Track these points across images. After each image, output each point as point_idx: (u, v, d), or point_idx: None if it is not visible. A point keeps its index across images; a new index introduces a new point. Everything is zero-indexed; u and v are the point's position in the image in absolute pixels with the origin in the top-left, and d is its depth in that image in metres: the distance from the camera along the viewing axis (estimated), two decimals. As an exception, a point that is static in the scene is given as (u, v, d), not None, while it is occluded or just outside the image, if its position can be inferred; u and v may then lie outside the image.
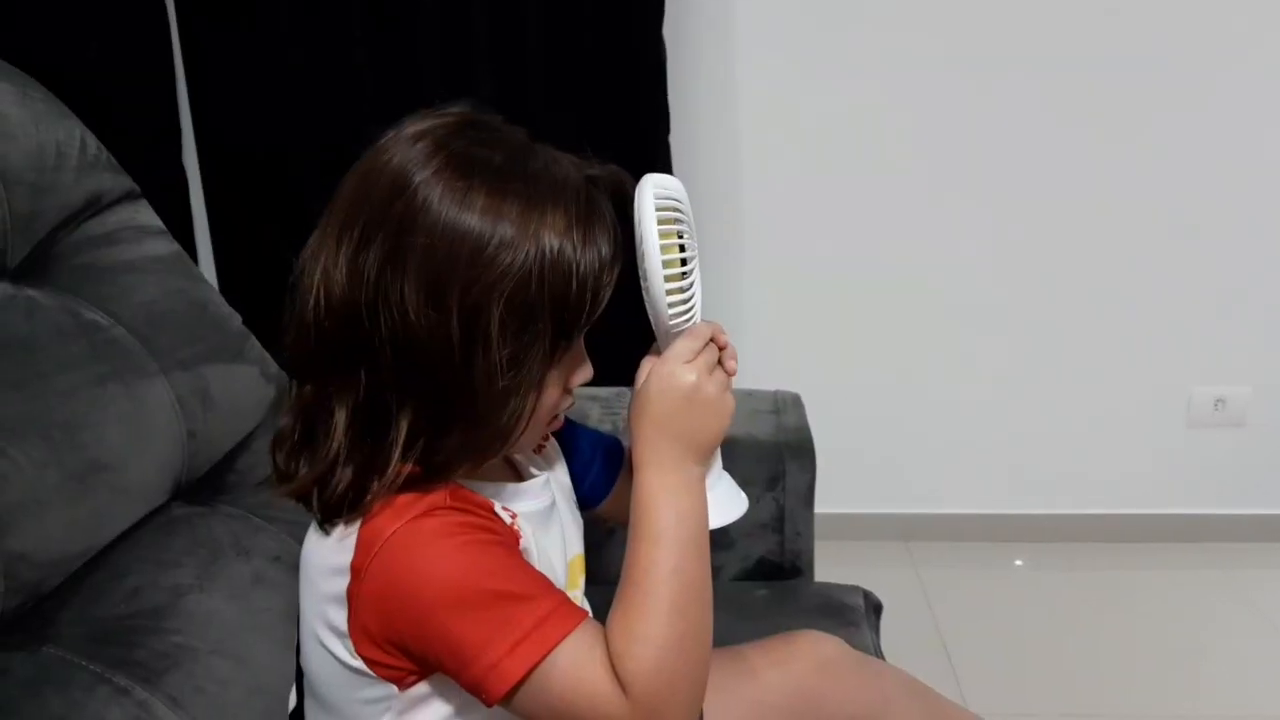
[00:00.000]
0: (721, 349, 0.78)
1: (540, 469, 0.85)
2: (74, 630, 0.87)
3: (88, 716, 0.80)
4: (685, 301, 0.75)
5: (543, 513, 0.81)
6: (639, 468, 0.74)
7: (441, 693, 0.73)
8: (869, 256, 2.03)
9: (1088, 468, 2.18)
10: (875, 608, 1.29)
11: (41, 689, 0.81)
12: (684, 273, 0.74)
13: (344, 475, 0.70)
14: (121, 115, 1.61)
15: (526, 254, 0.67)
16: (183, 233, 1.81)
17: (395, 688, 0.72)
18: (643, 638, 0.67)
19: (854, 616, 1.22)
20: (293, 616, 1.00)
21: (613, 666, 0.67)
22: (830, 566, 1.38)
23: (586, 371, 0.78)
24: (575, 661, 0.67)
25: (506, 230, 0.67)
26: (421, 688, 0.73)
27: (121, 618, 0.90)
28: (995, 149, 1.98)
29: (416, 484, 0.71)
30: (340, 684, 0.74)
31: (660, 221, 0.72)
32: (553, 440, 0.90)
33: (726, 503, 0.80)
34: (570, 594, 0.83)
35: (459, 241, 0.66)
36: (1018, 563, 2.16)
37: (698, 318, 0.76)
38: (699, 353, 0.76)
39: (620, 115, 1.79)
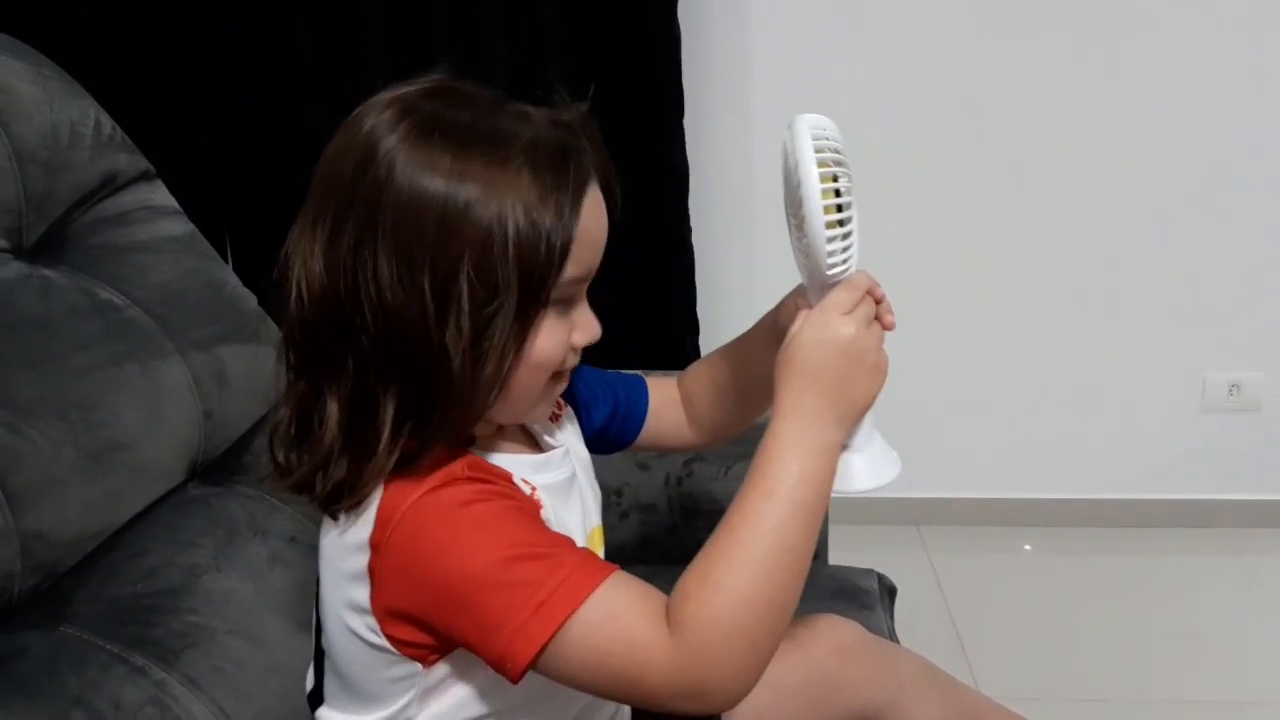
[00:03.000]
0: (878, 302, 0.75)
1: (559, 440, 0.84)
2: (91, 609, 0.87)
3: (105, 696, 0.80)
4: (844, 249, 0.71)
5: (563, 484, 0.80)
6: (777, 415, 0.70)
7: (467, 671, 0.72)
8: (882, 242, 2.01)
9: (1102, 453, 2.17)
10: (889, 591, 1.29)
11: (59, 668, 0.81)
12: (841, 220, 0.70)
13: (339, 466, 0.69)
14: (146, 97, 1.61)
15: (492, 215, 0.64)
16: (213, 216, 1.81)
17: (420, 665, 0.71)
18: (717, 585, 0.63)
19: (868, 600, 1.22)
20: (309, 596, 1.00)
21: (666, 609, 0.63)
22: (843, 550, 1.38)
23: (591, 330, 0.74)
24: (608, 612, 0.64)
25: (471, 192, 0.65)
26: (446, 666, 0.72)
27: (138, 597, 0.90)
28: (1010, 136, 1.97)
29: (428, 457, 0.69)
30: (364, 663, 0.73)
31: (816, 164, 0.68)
32: (569, 411, 0.89)
33: (880, 464, 0.75)
34: None
35: (425, 209, 0.65)
36: (1027, 547, 2.16)
37: (854, 266, 0.72)
38: (857, 304, 0.72)
39: (635, 99, 1.78)
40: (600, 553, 0.86)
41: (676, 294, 1.91)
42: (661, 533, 1.31)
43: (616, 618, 0.64)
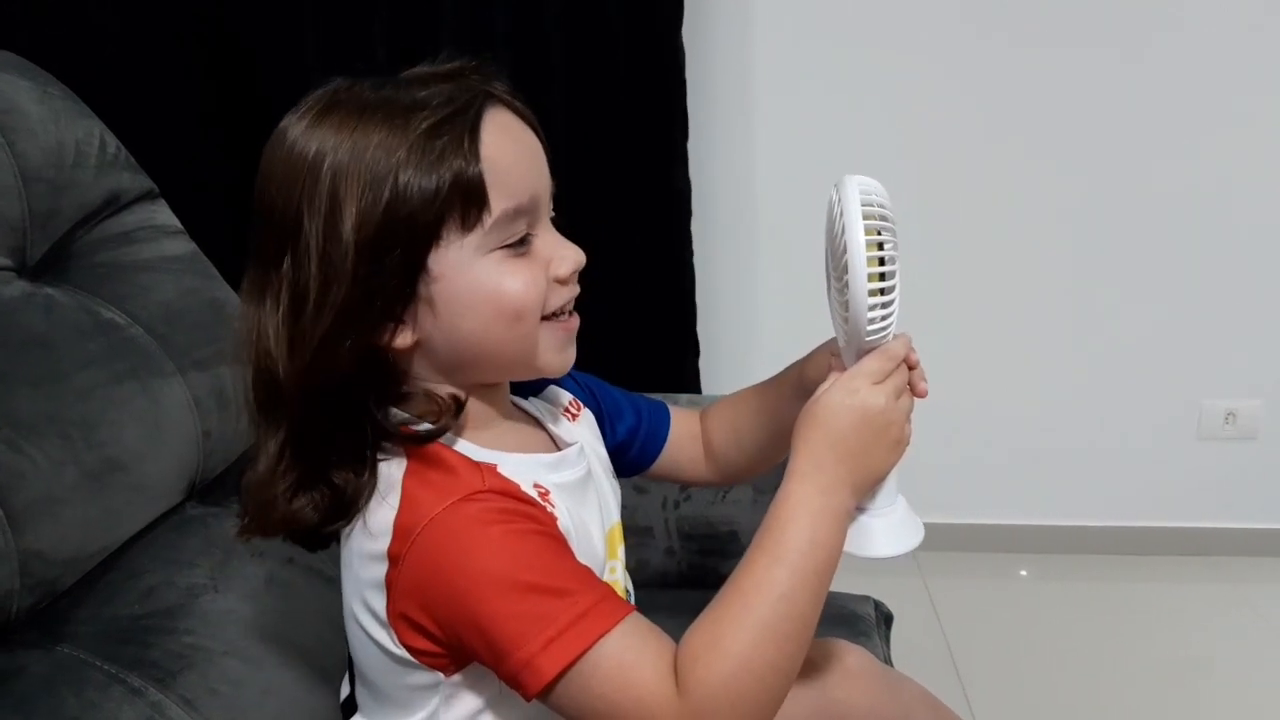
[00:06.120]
0: (911, 369, 0.75)
1: (574, 437, 0.84)
2: (89, 629, 0.87)
3: (102, 716, 0.80)
4: (884, 316, 0.70)
5: (578, 483, 0.79)
6: (792, 475, 0.70)
7: (490, 677, 0.71)
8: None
9: (1098, 480, 2.18)
10: (886, 618, 1.29)
11: (57, 688, 0.81)
12: (883, 288, 0.70)
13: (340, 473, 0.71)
14: (153, 110, 1.62)
15: (390, 170, 0.66)
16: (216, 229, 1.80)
17: (441, 675, 0.71)
18: (725, 651, 0.64)
19: (865, 627, 1.22)
20: (305, 618, 1.00)
21: (674, 666, 0.64)
22: (839, 576, 1.36)
23: (568, 258, 0.73)
24: (620, 662, 0.64)
25: (372, 152, 0.66)
26: (468, 674, 0.71)
27: (136, 617, 0.90)
28: (1009, 163, 1.98)
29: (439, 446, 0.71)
30: (387, 671, 0.73)
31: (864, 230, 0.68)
32: (587, 413, 0.89)
33: (902, 530, 0.75)
34: (609, 563, 0.81)
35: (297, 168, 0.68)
36: (1022, 573, 2.16)
37: (893, 331, 0.72)
38: (890, 374, 0.72)
39: (638, 119, 1.79)
40: (620, 550, 0.85)
41: (677, 315, 1.92)
42: (658, 556, 1.31)
43: (628, 669, 0.64)
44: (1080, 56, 1.91)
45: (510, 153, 0.70)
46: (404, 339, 0.71)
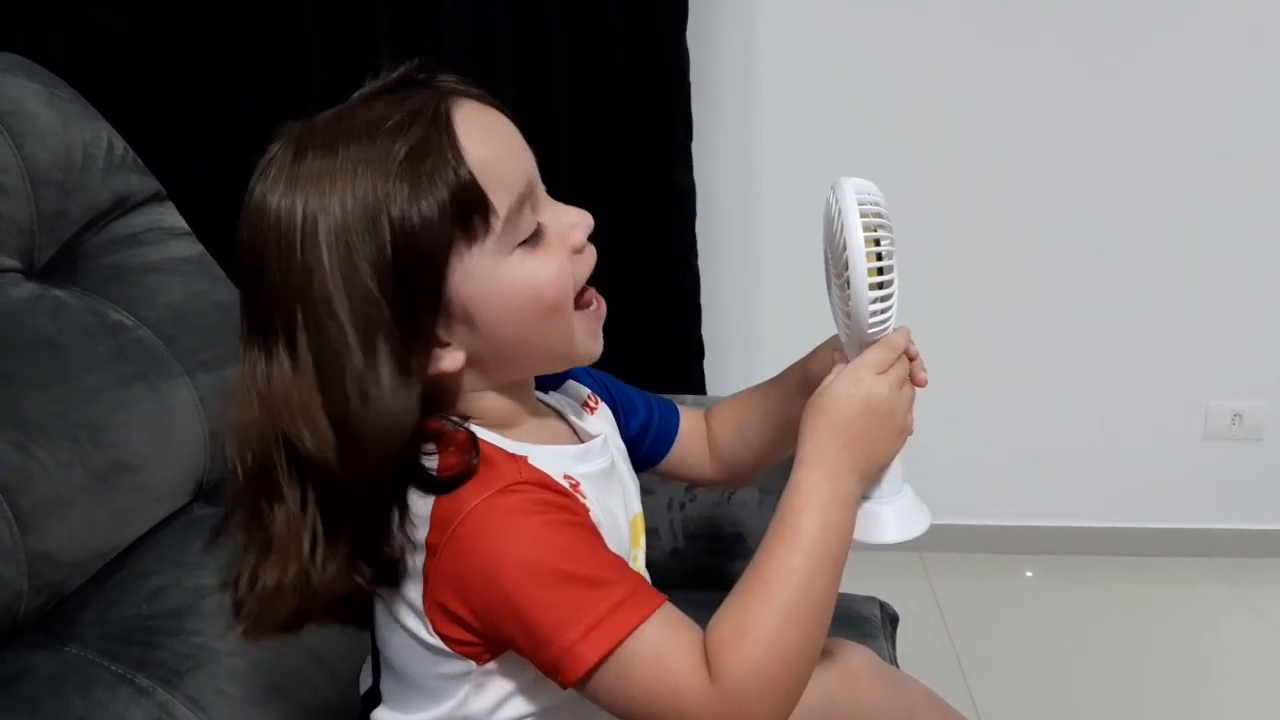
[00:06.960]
0: (911, 359, 0.77)
1: (596, 429, 0.84)
2: (96, 630, 0.88)
3: (110, 717, 0.81)
4: (884, 310, 0.73)
5: (604, 473, 0.80)
6: (800, 464, 0.72)
7: (521, 666, 0.72)
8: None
9: (1104, 480, 2.17)
10: (891, 619, 1.29)
11: (64, 688, 0.81)
12: (881, 283, 0.72)
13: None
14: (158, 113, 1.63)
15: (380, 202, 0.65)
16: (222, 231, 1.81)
17: (474, 663, 0.72)
18: (753, 637, 0.65)
19: (870, 628, 1.22)
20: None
21: (705, 653, 0.66)
22: (845, 577, 1.36)
23: (579, 223, 0.74)
24: (657, 650, 0.65)
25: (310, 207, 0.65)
26: (500, 662, 0.72)
27: (143, 618, 0.90)
28: (1015, 161, 1.97)
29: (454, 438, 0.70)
30: (418, 660, 0.73)
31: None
32: (604, 407, 0.90)
33: (909, 517, 0.77)
34: (634, 552, 0.83)
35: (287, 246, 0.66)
36: (1028, 574, 2.16)
37: (893, 325, 0.75)
38: (892, 365, 0.75)
39: (643, 120, 1.79)
40: (642, 539, 0.87)
41: (681, 317, 1.92)
42: (664, 557, 1.31)
43: (663, 657, 0.66)
44: (1081, 56, 1.91)
45: (493, 145, 0.70)
46: (453, 361, 0.71)
